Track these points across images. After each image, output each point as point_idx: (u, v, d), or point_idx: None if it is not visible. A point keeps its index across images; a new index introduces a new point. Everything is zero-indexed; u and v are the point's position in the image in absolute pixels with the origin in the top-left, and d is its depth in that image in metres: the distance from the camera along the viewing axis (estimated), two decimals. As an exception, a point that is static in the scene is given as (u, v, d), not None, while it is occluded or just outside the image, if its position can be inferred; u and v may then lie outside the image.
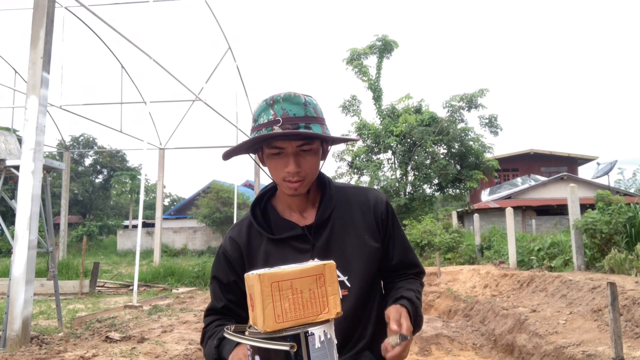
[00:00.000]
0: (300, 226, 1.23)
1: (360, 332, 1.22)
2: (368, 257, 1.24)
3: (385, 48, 19.41)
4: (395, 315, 1.08)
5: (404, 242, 1.32)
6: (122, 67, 14.46)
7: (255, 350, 0.88)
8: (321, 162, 1.24)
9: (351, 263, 1.22)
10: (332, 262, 0.92)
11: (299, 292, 0.88)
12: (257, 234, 1.25)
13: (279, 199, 1.30)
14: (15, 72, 14.60)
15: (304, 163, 1.16)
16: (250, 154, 1.27)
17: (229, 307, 1.27)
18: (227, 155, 1.25)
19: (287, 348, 0.85)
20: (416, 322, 1.17)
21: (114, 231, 31.47)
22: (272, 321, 0.85)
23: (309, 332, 0.87)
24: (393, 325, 1.05)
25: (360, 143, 19.28)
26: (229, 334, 0.93)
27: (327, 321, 0.91)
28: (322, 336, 0.88)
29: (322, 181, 1.31)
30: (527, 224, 20.47)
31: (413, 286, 1.27)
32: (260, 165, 1.26)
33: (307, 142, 1.15)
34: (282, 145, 1.14)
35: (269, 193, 1.33)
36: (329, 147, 1.27)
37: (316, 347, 0.87)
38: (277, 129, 1.10)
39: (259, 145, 1.18)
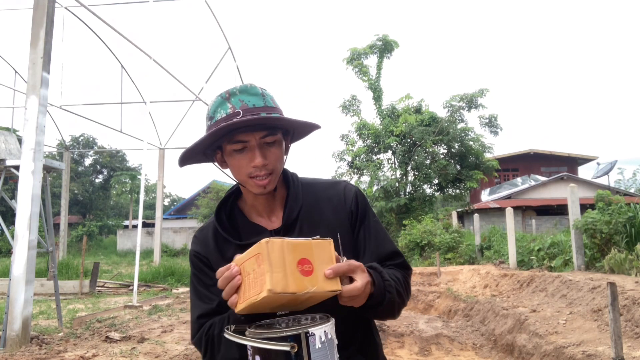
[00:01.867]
0: (269, 230, 1.17)
1: (349, 334, 1.16)
2: (344, 254, 1.16)
3: (385, 48, 19.42)
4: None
5: (378, 233, 1.21)
6: (122, 67, 14.46)
7: (256, 350, 0.89)
8: (285, 157, 1.18)
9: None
10: (275, 239, 0.91)
11: (247, 274, 0.92)
12: (224, 239, 1.18)
13: (244, 201, 1.22)
14: (15, 72, 14.61)
15: (270, 155, 1.10)
16: (213, 162, 1.19)
17: (223, 305, 1.07)
18: (183, 160, 1.16)
19: (287, 348, 0.85)
20: (383, 294, 1.04)
21: (114, 231, 31.49)
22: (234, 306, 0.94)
23: (310, 332, 0.87)
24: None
25: (360, 143, 19.28)
26: (229, 334, 0.93)
27: (328, 322, 0.91)
28: (322, 337, 0.88)
29: (287, 178, 1.23)
30: (527, 224, 20.47)
31: (390, 270, 1.15)
32: (221, 168, 1.18)
33: (270, 133, 1.09)
34: (246, 138, 1.07)
35: (233, 195, 1.25)
36: (290, 141, 1.21)
37: (317, 347, 0.87)
38: (237, 121, 1.04)
39: (218, 143, 1.12)
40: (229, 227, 1.19)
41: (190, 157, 1.17)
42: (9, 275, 5.17)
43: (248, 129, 1.07)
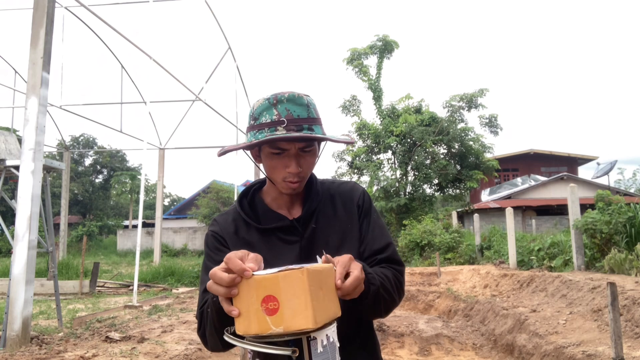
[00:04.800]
0: (289, 218, 1.24)
1: (351, 331, 1.21)
2: (351, 246, 1.25)
3: (385, 48, 19.40)
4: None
5: (375, 227, 1.28)
6: (122, 67, 14.45)
7: (256, 354, 0.88)
8: (316, 161, 1.26)
9: (335, 254, 1.18)
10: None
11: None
12: (244, 223, 1.26)
13: (266, 193, 1.30)
14: (15, 72, 14.59)
15: (304, 163, 1.18)
16: (246, 151, 1.26)
17: None
18: (224, 153, 1.25)
19: (289, 352, 0.84)
20: (367, 287, 1.06)
21: (114, 231, 31.48)
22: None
23: (312, 336, 0.87)
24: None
25: (360, 143, 19.26)
26: (229, 337, 0.93)
27: (329, 325, 0.90)
28: (324, 340, 0.88)
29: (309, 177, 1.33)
30: (527, 224, 20.47)
31: (379, 269, 1.18)
32: (255, 161, 1.26)
33: (309, 145, 1.17)
34: (286, 147, 1.15)
35: (255, 186, 1.34)
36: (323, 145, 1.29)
37: (318, 351, 0.87)
38: (281, 129, 1.11)
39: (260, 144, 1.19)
40: (250, 212, 1.27)
41: (231, 149, 1.24)
42: (9, 275, 5.16)
43: (294, 140, 1.15)
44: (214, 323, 1.06)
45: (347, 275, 0.97)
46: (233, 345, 1.11)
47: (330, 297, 0.90)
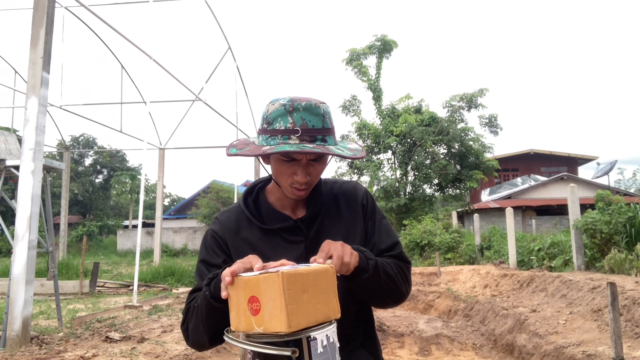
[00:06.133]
0: (293, 219, 1.25)
1: (351, 329, 1.22)
2: (356, 244, 1.24)
3: (384, 48, 19.41)
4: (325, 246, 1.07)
5: (381, 227, 1.30)
6: (122, 67, 14.45)
7: (256, 354, 0.89)
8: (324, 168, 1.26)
9: None
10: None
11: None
12: (247, 222, 1.26)
13: (271, 192, 1.30)
14: (15, 72, 14.58)
15: (313, 172, 1.18)
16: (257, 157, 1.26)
17: None
18: (233, 155, 1.24)
19: (289, 353, 0.85)
20: (365, 262, 1.12)
21: (114, 231, 31.49)
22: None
23: (312, 336, 0.87)
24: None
25: (360, 143, 19.25)
26: (229, 337, 0.93)
27: (330, 325, 0.90)
28: (324, 340, 0.88)
29: None
30: (527, 224, 20.47)
31: (380, 258, 1.21)
32: (263, 163, 1.25)
33: (319, 156, 1.17)
34: (297, 157, 1.15)
35: (260, 184, 1.34)
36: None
37: (318, 352, 0.87)
38: (294, 139, 1.10)
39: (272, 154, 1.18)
40: (254, 210, 1.28)
41: (240, 154, 1.23)
42: (9, 275, 5.16)
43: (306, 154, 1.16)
44: (201, 316, 1.09)
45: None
46: (217, 344, 1.15)
47: (320, 299, 0.90)
